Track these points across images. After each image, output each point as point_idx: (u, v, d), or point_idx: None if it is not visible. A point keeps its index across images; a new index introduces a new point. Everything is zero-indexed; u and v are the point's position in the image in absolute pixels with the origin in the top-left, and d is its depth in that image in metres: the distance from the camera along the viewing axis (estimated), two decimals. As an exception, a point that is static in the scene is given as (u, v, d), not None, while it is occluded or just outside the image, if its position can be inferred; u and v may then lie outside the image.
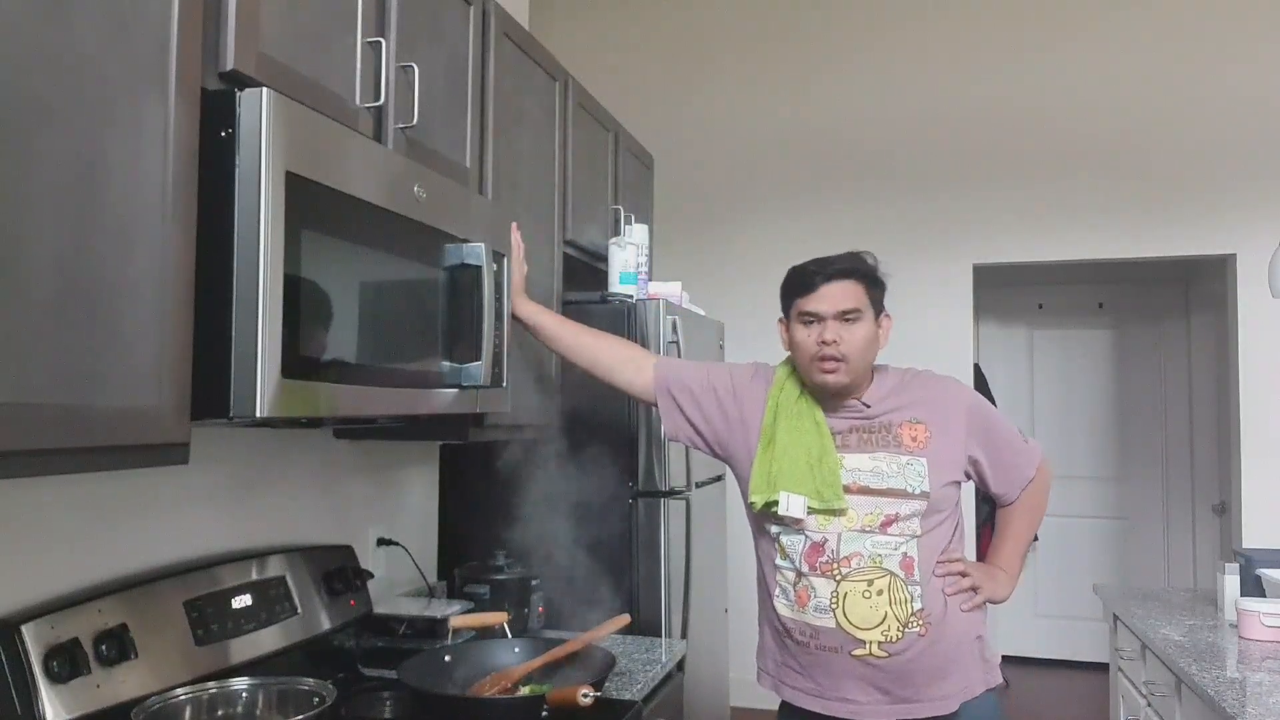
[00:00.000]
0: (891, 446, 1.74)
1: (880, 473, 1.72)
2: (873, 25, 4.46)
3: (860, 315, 1.74)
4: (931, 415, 1.78)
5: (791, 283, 1.78)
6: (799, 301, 1.76)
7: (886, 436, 1.76)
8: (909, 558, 1.70)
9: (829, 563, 1.71)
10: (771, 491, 1.73)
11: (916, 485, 1.71)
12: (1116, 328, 5.43)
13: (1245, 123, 4.03)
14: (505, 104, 2.16)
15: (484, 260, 1.72)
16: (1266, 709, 1.84)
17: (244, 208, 1.23)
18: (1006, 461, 1.83)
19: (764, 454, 1.78)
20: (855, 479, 1.72)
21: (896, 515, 1.70)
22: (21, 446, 0.97)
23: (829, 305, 1.72)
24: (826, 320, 1.73)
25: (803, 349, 1.75)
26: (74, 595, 1.44)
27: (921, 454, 1.73)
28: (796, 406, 1.79)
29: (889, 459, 1.73)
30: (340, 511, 2.18)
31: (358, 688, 1.88)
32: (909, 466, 1.72)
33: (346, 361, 1.42)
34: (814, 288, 1.73)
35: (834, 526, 1.71)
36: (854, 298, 1.74)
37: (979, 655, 1.76)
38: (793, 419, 1.78)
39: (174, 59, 1.17)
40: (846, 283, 1.74)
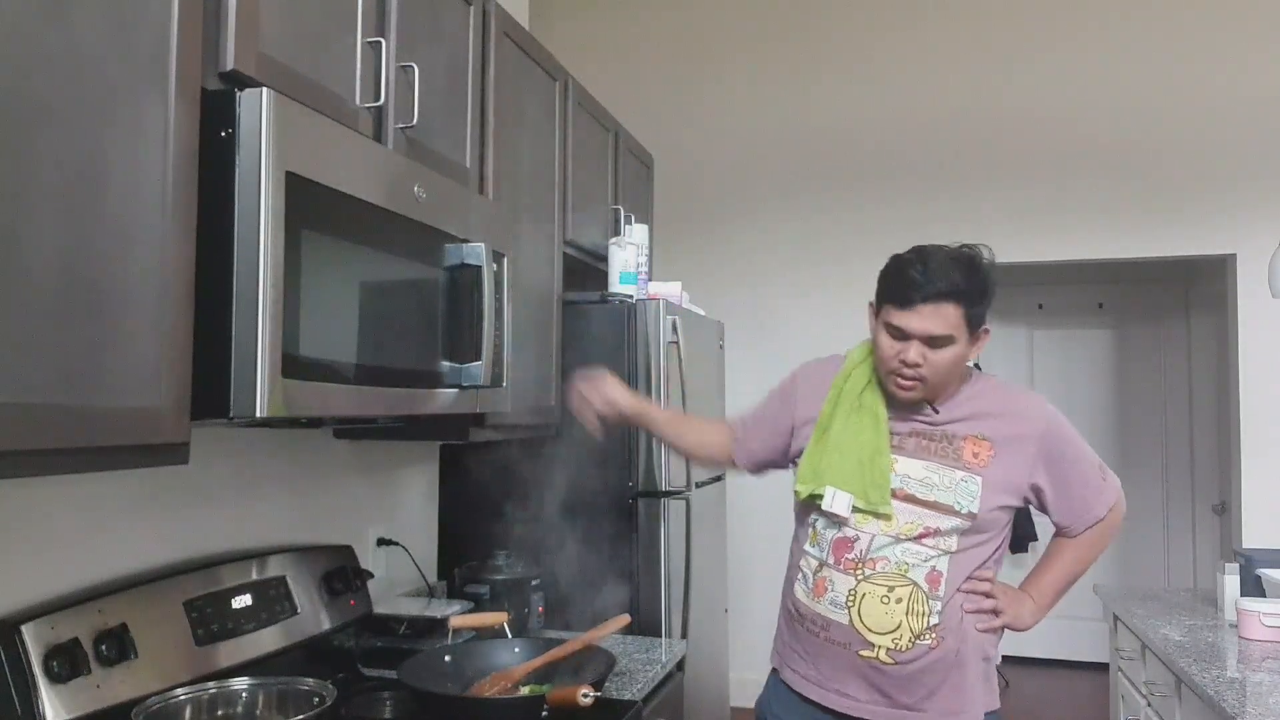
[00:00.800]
0: (949, 459, 1.67)
1: (930, 484, 1.65)
2: (873, 26, 4.46)
3: (952, 341, 1.61)
4: (1000, 433, 1.69)
5: (888, 284, 1.65)
6: (890, 310, 1.64)
7: (947, 448, 1.68)
8: (937, 572, 1.65)
9: (855, 560, 1.67)
10: (817, 483, 1.69)
11: (965, 504, 1.64)
12: (1116, 328, 5.43)
13: (1245, 123, 4.03)
14: (505, 104, 2.16)
15: (484, 260, 1.72)
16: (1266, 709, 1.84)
17: (244, 208, 1.23)
18: (1075, 495, 1.73)
19: (816, 444, 1.73)
20: (903, 485, 1.66)
21: (936, 529, 1.65)
22: (21, 446, 0.97)
23: (919, 327, 1.60)
24: (913, 340, 1.61)
25: (883, 357, 1.66)
26: (74, 595, 1.44)
27: (979, 472, 1.65)
28: (860, 399, 1.72)
29: (943, 471, 1.65)
30: (340, 511, 2.18)
31: (358, 688, 1.88)
32: (963, 484, 1.65)
33: (346, 361, 1.42)
34: (909, 304, 1.60)
35: (870, 527, 1.66)
36: (949, 323, 1.60)
37: (984, 677, 1.73)
38: (852, 412, 1.71)
39: (174, 59, 1.17)
40: (945, 306, 1.59)
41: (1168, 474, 5.26)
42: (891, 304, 1.63)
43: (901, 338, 1.63)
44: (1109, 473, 1.79)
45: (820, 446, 1.72)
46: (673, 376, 2.59)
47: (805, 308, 4.40)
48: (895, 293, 1.62)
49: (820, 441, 1.72)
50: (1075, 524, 1.76)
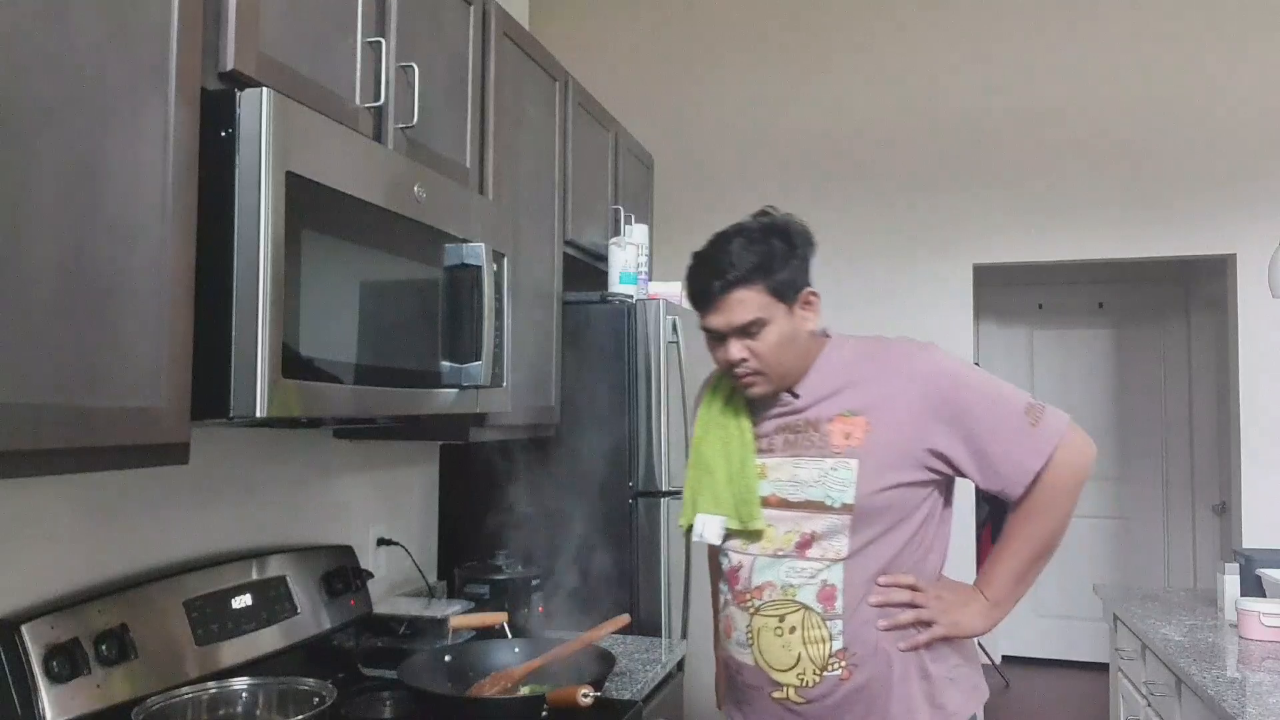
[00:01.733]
0: (818, 448, 1.46)
1: (799, 481, 1.46)
2: (873, 25, 4.46)
3: (764, 323, 1.46)
4: (874, 401, 1.46)
5: (690, 290, 1.53)
6: (701, 316, 1.52)
7: (814, 436, 1.47)
8: (829, 586, 1.43)
9: (743, 593, 1.49)
10: (690, 514, 1.55)
11: (838, 496, 1.43)
12: (1116, 328, 5.43)
13: (1245, 123, 4.03)
14: (505, 104, 2.16)
15: (484, 260, 1.72)
16: (1266, 709, 1.84)
17: (244, 208, 1.23)
18: (993, 451, 1.44)
19: (690, 470, 1.59)
20: (775, 490, 1.48)
21: (814, 534, 1.44)
22: (22, 446, 0.97)
23: (723, 323, 1.47)
24: (729, 339, 1.48)
25: (718, 363, 1.54)
26: (74, 595, 1.44)
27: (852, 454, 1.44)
28: (725, 411, 1.57)
29: (812, 464, 1.46)
30: (340, 511, 2.18)
31: (358, 688, 1.88)
32: (833, 473, 1.44)
33: (346, 361, 1.42)
34: (708, 304, 1.48)
35: (751, 549, 1.49)
36: (754, 307, 1.45)
37: (928, 698, 1.46)
38: (720, 427, 1.56)
39: (174, 59, 1.17)
40: (738, 292, 1.45)
41: (1168, 474, 5.26)
42: (699, 309, 1.51)
43: (718, 339, 1.50)
44: (1046, 413, 1.46)
45: (692, 472, 1.57)
46: (673, 376, 2.59)
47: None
48: (694, 298, 1.51)
49: (693, 467, 1.58)
50: (1007, 486, 1.46)
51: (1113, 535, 5.33)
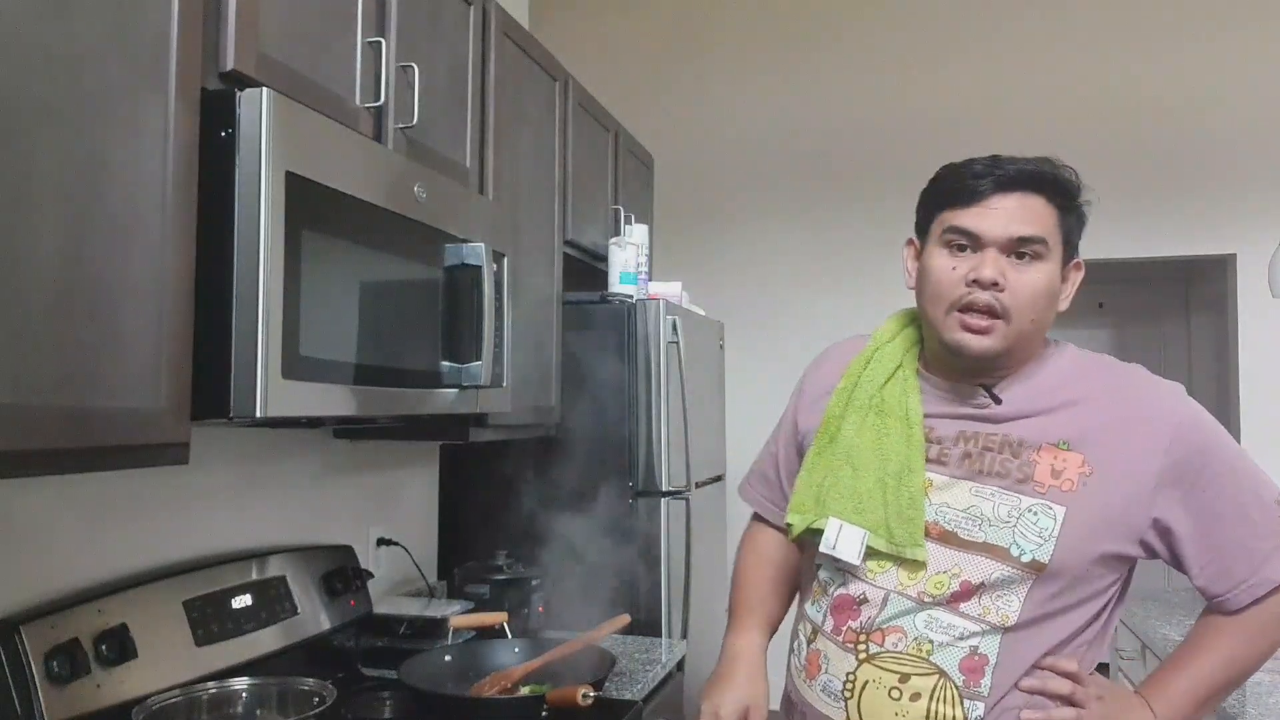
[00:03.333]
0: (1013, 478, 1.13)
1: (979, 516, 1.13)
2: (873, 25, 4.46)
3: (1045, 252, 1.13)
4: (1099, 437, 1.13)
5: (943, 185, 1.19)
6: (949, 214, 1.15)
7: (1011, 461, 1.14)
8: (979, 656, 1.11)
9: (859, 630, 1.16)
10: (817, 512, 1.21)
11: (1029, 548, 1.10)
12: (1116, 328, 5.42)
13: (1246, 123, 4.03)
14: (505, 104, 2.16)
15: (484, 260, 1.72)
16: (1266, 709, 1.84)
17: (244, 208, 1.23)
18: (1232, 544, 1.13)
19: (817, 456, 1.25)
20: (939, 518, 1.15)
21: (981, 585, 1.11)
22: (21, 446, 0.97)
23: (999, 226, 1.12)
24: (988, 250, 1.12)
25: (942, 286, 1.15)
26: (74, 595, 1.44)
27: (1059, 500, 1.11)
28: (886, 389, 1.22)
29: (1001, 497, 1.13)
30: (340, 511, 2.18)
31: (358, 688, 1.88)
32: (1029, 516, 1.11)
33: (346, 361, 1.42)
34: (980, 196, 1.13)
35: (886, 580, 1.16)
36: (1039, 221, 1.13)
37: None
38: (872, 409, 1.22)
39: (174, 59, 1.17)
40: (1031, 197, 1.13)
41: (1168, 474, 5.25)
42: (951, 205, 1.16)
43: (973, 247, 1.13)
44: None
45: (823, 460, 1.24)
46: (673, 376, 2.59)
47: (806, 307, 4.39)
48: (955, 191, 1.16)
49: (824, 453, 1.24)
50: (1230, 591, 1.15)
51: (1113, 535, 5.32)
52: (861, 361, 1.28)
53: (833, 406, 1.26)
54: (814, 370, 1.39)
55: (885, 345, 1.28)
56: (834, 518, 1.19)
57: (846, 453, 1.22)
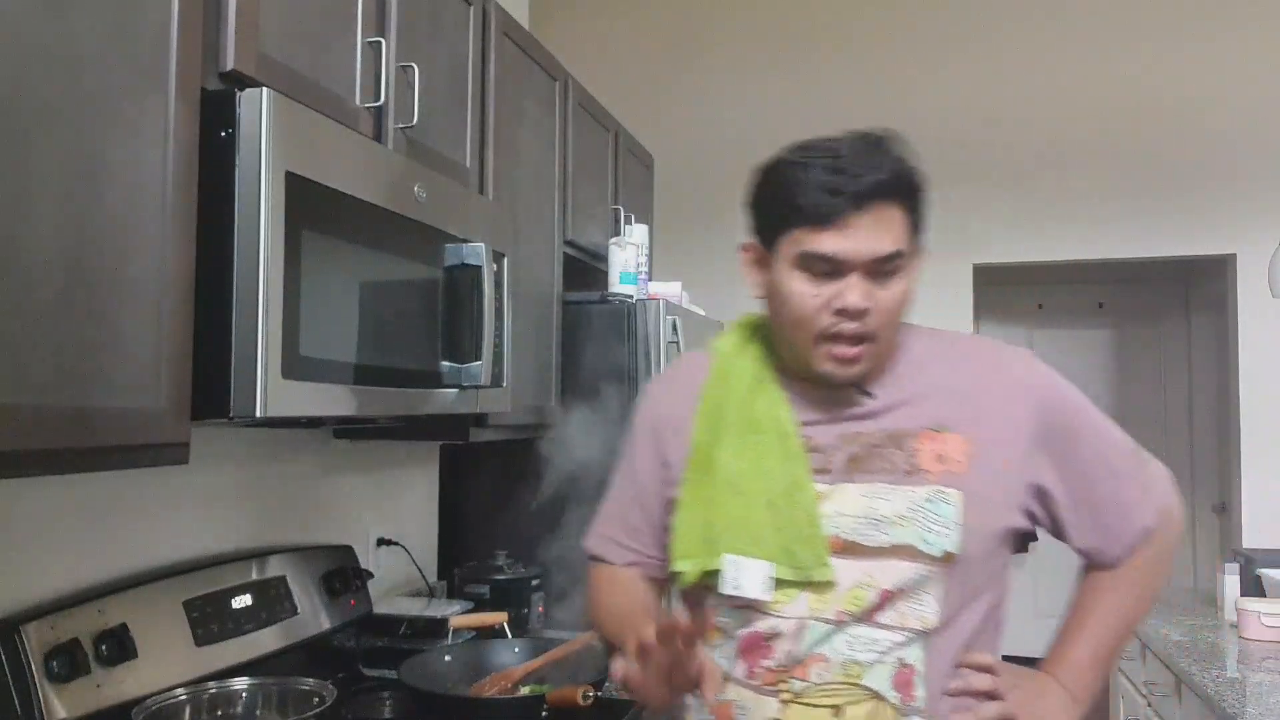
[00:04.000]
0: (901, 470, 1.07)
1: (878, 518, 1.05)
2: (873, 25, 4.46)
3: (904, 263, 1.06)
4: (970, 415, 1.09)
5: (789, 200, 1.05)
6: (802, 234, 1.04)
7: (895, 455, 1.08)
8: (907, 669, 1.04)
9: (776, 669, 1.05)
10: (708, 553, 1.07)
11: (937, 540, 1.04)
12: (1116, 328, 5.42)
13: (1246, 123, 4.03)
14: (505, 104, 2.16)
15: (484, 260, 1.72)
16: (1266, 709, 1.84)
17: (244, 208, 1.23)
18: (1105, 499, 1.12)
19: (696, 490, 1.11)
20: (838, 529, 1.05)
21: (899, 592, 1.04)
22: (21, 446, 0.97)
23: (862, 248, 1.02)
24: (850, 275, 1.03)
25: (805, 314, 1.05)
26: (74, 595, 1.44)
27: (952, 483, 1.06)
28: (750, 405, 1.11)
29: (896, 493, 1.06)
30: (340, 511, 2.18)
31: (358, 688, 1.88)
32: (928, 506, 1.05)
33: (346, 361, 1.42)
34: (836, 216, 1.02)
35: (795, 608, 1.05)
36: (898, 234, 1.05)
37: None
38: (744, 428, 1.10)
39: (174, 59, 1.17)
40: (888, 209, 1.03)
41: (1168, 474, 5.26)
42: (805, 225, 1.03)
43: (833, 274, 1.03)
44: (1150, 458, 1.18)
45: (702, 493, 1.10)
46: (673, 376, 2.59)
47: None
48: (810, 207, 1.03)
49: (701, 486, 1.10)
50: (1107, 545, 1.15)
51: (1113, 535, 5.32)
52: (717, 380, 1.15)
53: (699, 434, 1.12)
54: (659, 400, 1.22)
55: (735, 359, 1.16)
56: (729, 555, 1.06)
57: (728, 480, 1.08)
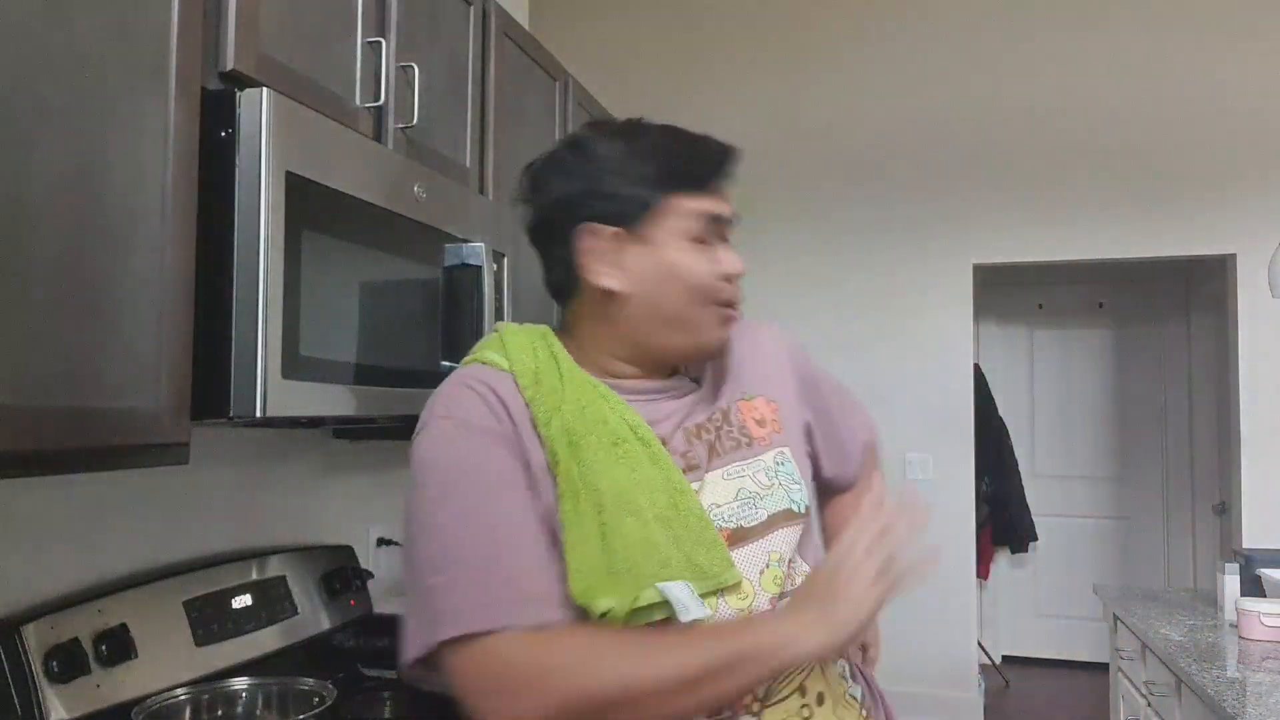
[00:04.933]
0: (742, 444, 1.06)
1: (748, 495, 1.03)
2: (871, 25, 4.46)
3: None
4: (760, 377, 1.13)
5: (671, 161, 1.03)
6: (689, 200, 1.02)
7: (732, 430, 1.07)
8: None
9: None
10: (630, 586, 0.93)
11: (799, 497, 1.07)
12: (1116, 328, 5.43)
13: (1246, 123, 4.03)
14: (505, 104, 2.16)
15: (484, 260, 1.72)
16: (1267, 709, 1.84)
17: (244, 208, 1.23)
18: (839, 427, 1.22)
19: (577, 519, 0.95)
20: (723, 522, 1.00)
21: (791, 560, 1.04)
22: (21, 447, 0.97)
23: (729, 211, 1.06)
24: (723, 241, 1.06)
25: (705, 284, 1.02)
26: (74, 595, 1.44)
27: (781, 442, 1.09)
28: (599, 414, 1.00)
29: (751, 467, 1.05)
30: (340, 511, 2.18)
31: (358, 688, 1.88)
32: (780, 469, 1.07)
33: (346, 361, 1.42)
34: (720, 177, 1.05)
35: (725, 615, 0.98)
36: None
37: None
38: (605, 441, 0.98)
39: (174, 59, 1.17)
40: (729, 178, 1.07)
41: (1168, 474, 5.26)
42: (691, 189, 1.02)
43: (722, 237, 1.05)
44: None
45: (585, 520, 0.95)
46: (673, 376, 2.59)
47: (804, 306, 4.39)
48: (698, 170, 1.03)
49: (582, 513, 0.95)
50: (849, 466, 1.24)
51: (1113, 535, 5.33)
52: (541, 393, 0.99)
53: (558, 452, 0.96)
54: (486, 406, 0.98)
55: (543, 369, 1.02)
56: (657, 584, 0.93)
57: (614, 500, 0.95)
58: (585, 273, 1.02)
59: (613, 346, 1.06)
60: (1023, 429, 5.42)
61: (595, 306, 1.05)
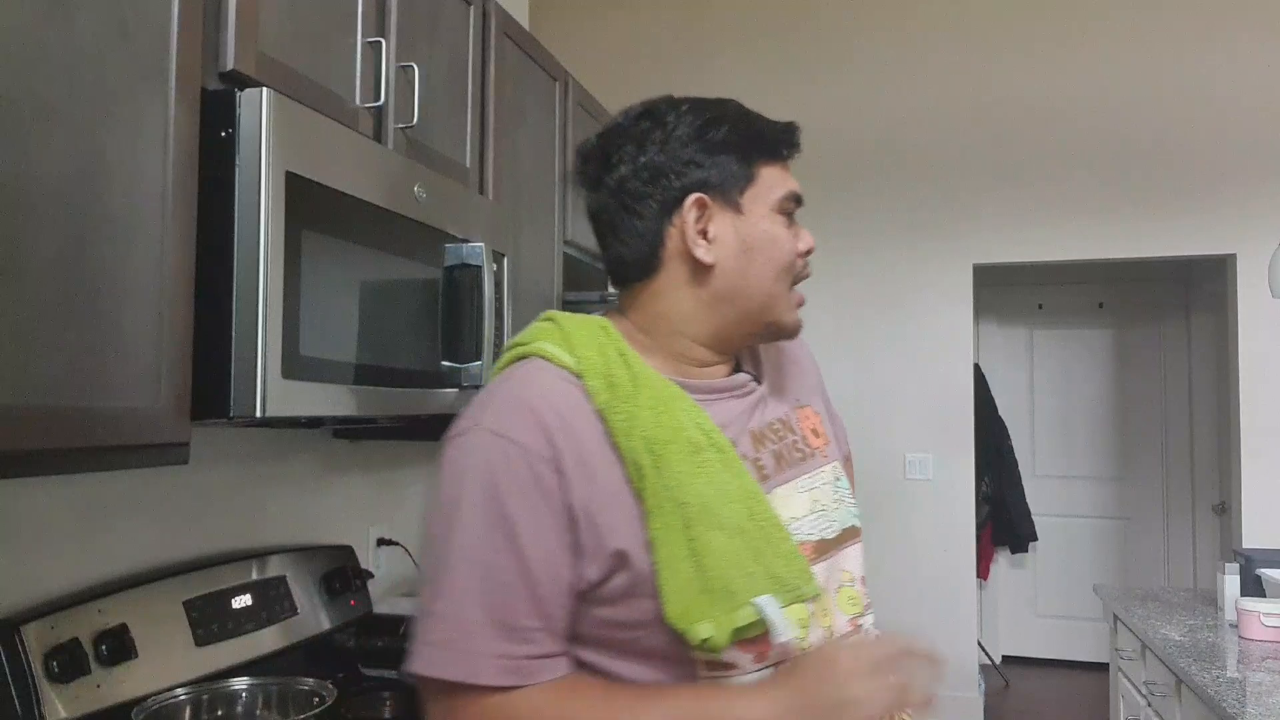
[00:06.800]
0: (806, 455, 1.03)
1: (821, 508, 1.00)
2: (871, 25, 4.46)
3: None
4: (804, 386, 1.11)
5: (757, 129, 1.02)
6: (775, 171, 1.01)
7: (795, 439, 1.03)
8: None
9: None
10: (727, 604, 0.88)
11: (858, 513, 1.05)
12: (1116, 328, 5.43)
13: (1245, 122, 4.03)
14: (505, 104, 2.16)
15: (484, 260, 1.72)
16: (1267, 709, 1.84)
17: (244, 208, 1.23)
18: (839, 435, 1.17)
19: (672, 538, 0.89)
20: (802, 534, 0.96)
21: (862, 576, 1.03)
22: (22, 447, 0.97)
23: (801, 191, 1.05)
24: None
25: (789, 264, 1.00)
26: (74, 595, 1.44)
27: (832, 455, 1.07)
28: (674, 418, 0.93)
29: (817, 480, 1.02)
30: (340, 511, 2.18)
31: (358, 688, 1.88)
32: (839, 484, 1.04)
33: (346, 361, 1.41)
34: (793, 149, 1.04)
35: (813, 633, 0.93)
36: None
37: None
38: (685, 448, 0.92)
39: (174, 59, 1.17)
40: None
41: (1168, 474, 5.26)
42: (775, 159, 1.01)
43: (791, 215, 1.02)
44: None
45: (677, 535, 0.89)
46: (673, 376, 2.59)
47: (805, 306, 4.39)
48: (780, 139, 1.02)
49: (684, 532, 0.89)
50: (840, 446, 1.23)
51: (1113, 535, 5.33)
52: (615, 396, 0.92)
53: (642, 465, 0.90)
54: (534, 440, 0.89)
55: (612, 367, 0.94)
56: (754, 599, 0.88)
57: (701, 514, 0.89)
58: (686, 244, 0.97)
59: (692, 328, 0.99)
60: (1023, 429, 5.42)
61: (679, 283, 0.98)
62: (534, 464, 0.88)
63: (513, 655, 0.87)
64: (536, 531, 0.88)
